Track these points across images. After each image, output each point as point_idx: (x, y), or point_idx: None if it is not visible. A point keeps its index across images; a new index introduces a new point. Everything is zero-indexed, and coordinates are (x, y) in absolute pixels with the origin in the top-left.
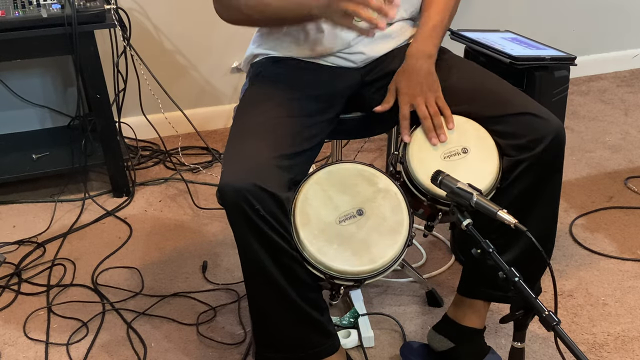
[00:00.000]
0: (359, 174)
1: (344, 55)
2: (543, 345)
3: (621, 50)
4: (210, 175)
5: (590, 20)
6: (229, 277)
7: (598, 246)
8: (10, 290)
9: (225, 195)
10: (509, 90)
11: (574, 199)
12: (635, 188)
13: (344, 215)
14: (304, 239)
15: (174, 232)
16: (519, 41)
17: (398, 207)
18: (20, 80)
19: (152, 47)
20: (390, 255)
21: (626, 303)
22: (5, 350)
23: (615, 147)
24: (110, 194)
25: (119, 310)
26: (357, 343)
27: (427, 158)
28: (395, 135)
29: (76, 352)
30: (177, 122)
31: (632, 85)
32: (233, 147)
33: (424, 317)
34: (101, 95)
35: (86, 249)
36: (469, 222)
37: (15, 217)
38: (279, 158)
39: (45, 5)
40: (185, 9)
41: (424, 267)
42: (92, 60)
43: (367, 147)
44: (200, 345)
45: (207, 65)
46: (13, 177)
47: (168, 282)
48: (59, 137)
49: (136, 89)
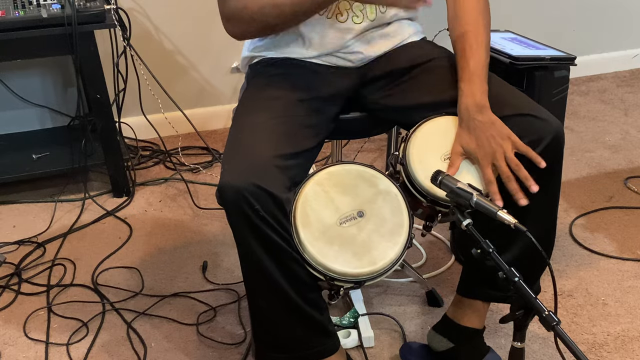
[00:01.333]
0: (359, 175)
1: (342, 55)
2: (543, 345)
3: (621, 50)
4: (210, 175)
5: (590, 20)
6: (229, 277)
7: (598, 246)
8: (10, 290)
9: (225, 195)
10: (508, 91)
11: (574, 199)
12: (635, 188)
13: (345, 217)
14: (305, 240)
15: (174, 232)
16: (519, 41)
17: (398, 209)
18: (20, 80)
19: (152, 47)
20: (391, 257)
21: (626, 303)
22: (5, 350)
23: (615, 147)
24: (110, 194)
25: (119, 310)
26: (357, 343)
27: (426, 159)
28: (395, 136)
29: (76, 352)
30: (177, 122)
31: (632, 85)
32: (232, 147)
33: (423, 317)
34: (101, 95)
35: (86, 249)
36: (469, 222)
37: (15, 217)
38: (279, 158)
39: (45, 5)
40: (185, 9)
41: (423, 267)
42: (92, 60)
43: (367, 147)
44: (200, 345)
45: (207, 65)
46: (13, 177)
47: (168, 282)
48: (59, 137)
49: (136, 89)
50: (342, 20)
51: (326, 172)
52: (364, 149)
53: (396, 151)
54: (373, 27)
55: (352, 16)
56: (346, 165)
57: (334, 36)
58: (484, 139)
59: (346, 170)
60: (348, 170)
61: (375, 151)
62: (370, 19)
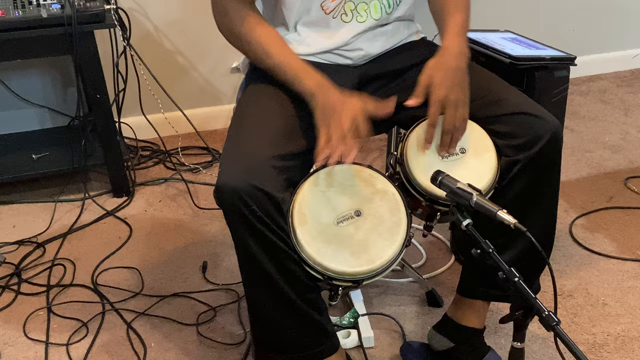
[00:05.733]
0: (356, 174)
1: (342, 53)
2: (543, 345)
3: (621, 50)
4: (210, 175)
5: (590, 20)
6: (229, 277)
7: (598, 246)
8: (10, 290)
9: (222, 195)
10: (507, 89)
11: (574, 199)
12: (635, 188)
13: (342, 217)
14: (302, 239)
15: (174, 232)
16: (519, 41)
17: (396, 207)
18: (20, 80)
19: (152, 47)
20: (389, 256)
21: (626, 303)
22: (5, 350)
23: (615, 147)
24: (110, 194)
25: (119, 311)
26: (357, 343)
27: (425, 158)
28: (394, 136)
29: (76, 352)
30: (177, 122)
31: (632, 85)
32: (230, 147)
33: (423, 317)
34: (101, 95)
35: (86, 249)
36: (469, 222)
37: (15, 217)
38: (276, 159)
39: (45, 5)
40: (185, 9)
41: (423, 267)
42: (92, 60)
43: (367, 147)
44: (200, 345)
45: (207, 65)
46: (13, 177)
47: (168, 282)
48: (59, 137)
49: (136, 89)
50: (346, 20)
51: (323, 172)
52: (363, 149)
53: (394, 151)
54: (374, 26)
55: (356, 16)
56: (343, 165)
57: (336, 34)
58: (450, 79)
59: (343, 170)
60: (345, 170)
61: (375, 151)
62: (375, 18)
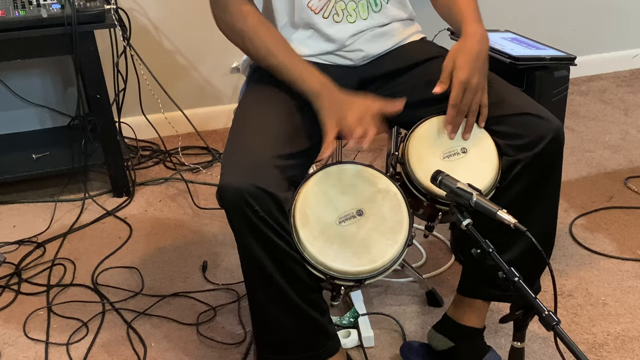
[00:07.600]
0: (358, 174)
1: (343, 54)
2: (543, 345)
3: (621, 50)
4: (210, 175)
5: (590, 20)
6: (229, 277)
7: (598, 246)
8: (10, 290)
9: (225, 196)
10: (508, 90)
11: (574, 199)
12: (635, 188)
13: (344, 216)
14: (304, 239)
15: (174, 232)
16: (519, 41)
17: (398, 207)
18: (20, 80)
19: (152, 47)
20: (390, 255)
21: (626, 303)
22: (5, 350)
23: (615, 147)
24: (110, 194)
25: (119, 310)
26: (357, 343)
27: (426, 158)
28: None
29: (76, 352)
30: (177, 122)
31: (632, 85)
32: (232, 147)
33: (424, 317)
34: (101, 95)
35: (86, 249)
36: (469, 222)
37: (15, 217)
38: (278, 158)
39: (45, 5)
40: (185, 9)
41: (424, 267)
42: (92, 60)
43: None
44: (200, 345)
45: (207, 65)
46: (13, 177)
47: (168, 282)
48: (59, 137)
49: (136, 89)
50: (337, 20)
51: (325, 172)
52: (363, 149)
53: (396, 151)
54: (373, 26)
55: (346, 16)
56: (345, 164)
57: (332, 35)
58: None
59: (345, 169)
60: (347, 170)
61: (375, 151)
62: (363, 18)
